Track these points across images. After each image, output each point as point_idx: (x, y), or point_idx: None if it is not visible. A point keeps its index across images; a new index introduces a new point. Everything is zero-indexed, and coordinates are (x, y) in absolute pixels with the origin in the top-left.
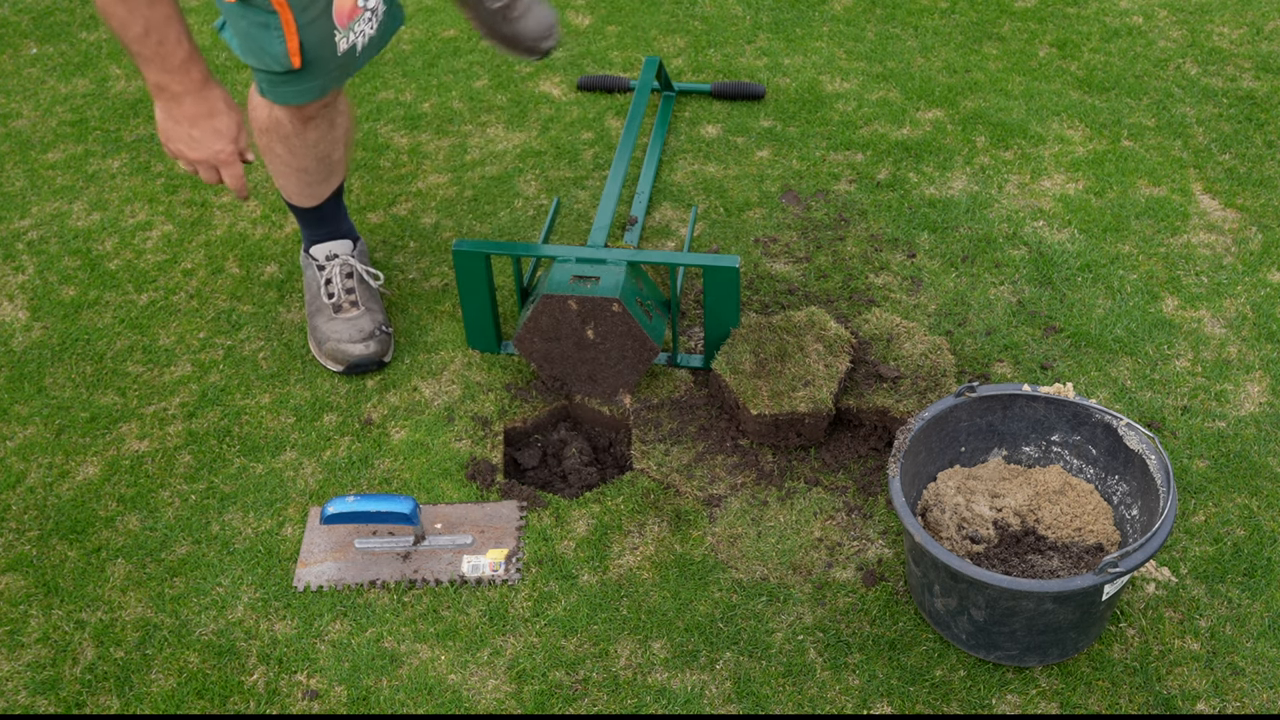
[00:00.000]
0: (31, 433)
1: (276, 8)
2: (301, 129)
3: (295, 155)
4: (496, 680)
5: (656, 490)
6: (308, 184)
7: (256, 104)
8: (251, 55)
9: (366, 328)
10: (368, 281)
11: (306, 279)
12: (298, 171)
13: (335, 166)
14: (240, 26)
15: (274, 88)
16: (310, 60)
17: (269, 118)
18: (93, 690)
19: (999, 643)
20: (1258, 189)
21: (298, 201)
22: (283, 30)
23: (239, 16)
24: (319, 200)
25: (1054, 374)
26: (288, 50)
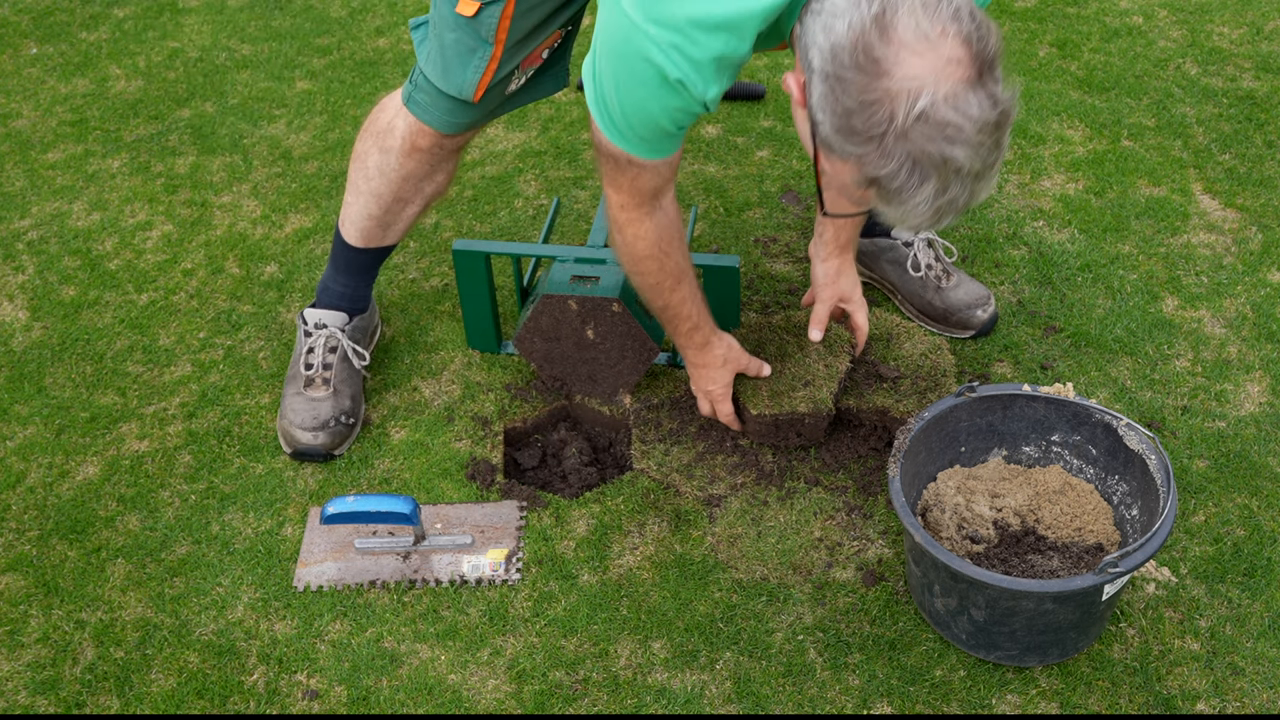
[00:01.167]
0: (31, 433)
1: (494, 44)
2: (406, 154)
3: (381, 175)
4: (496, 680)
5: (656, 490)
6: (369, 215)
7: (386, 105)
8: (436, 68)
9: (324, 415)
10: (350, 360)
11: (296, 340)
12: (370, 195)
13: (399, 220)
14: (446, 39)
15: (428, 103)
16: (486, 97)
17: (387, 124)
18: (93, 690)
19: (999, 643)
20: (1258, 189)
21: (348, 229)
22: (486, 64)
23: (451, 29)
24: (365, 242)
25: (1054, 374)
26: (478, 83)
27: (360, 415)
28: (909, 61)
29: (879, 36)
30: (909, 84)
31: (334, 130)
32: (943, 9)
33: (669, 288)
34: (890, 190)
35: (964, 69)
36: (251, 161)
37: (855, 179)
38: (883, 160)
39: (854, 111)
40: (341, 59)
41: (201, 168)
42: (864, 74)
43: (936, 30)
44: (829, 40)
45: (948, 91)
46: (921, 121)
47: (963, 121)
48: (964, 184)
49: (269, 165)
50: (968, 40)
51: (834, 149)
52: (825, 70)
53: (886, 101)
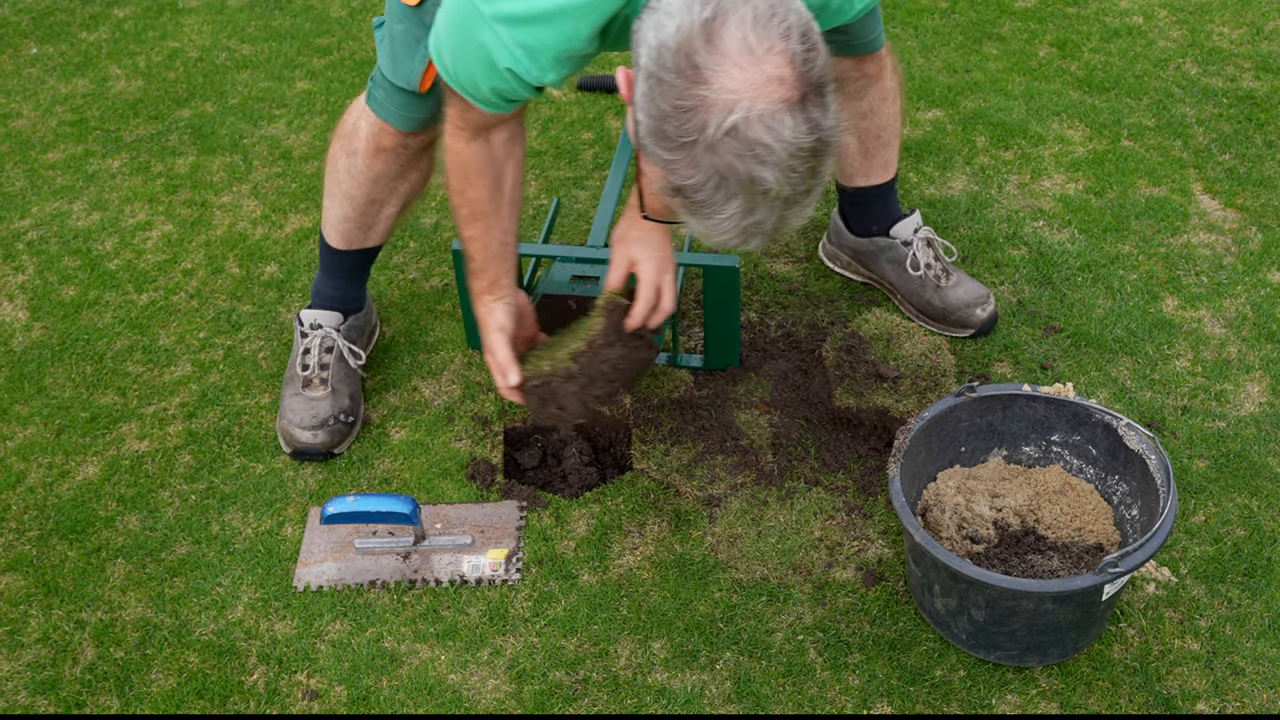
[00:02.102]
0: (31, 433)
1: None
2: (372, 155)
3: (351, 178)
4: (496, 680)
5: (656, 490)
6: (345, 217)
7: (353, 108)
8: (388, 61)
9: (322, 413)
10: (346, 360)
11: (294, 342)
12: (342, 198)
13: (378, 221)
14: (395, 31)
15: (384, 98)
16: (434, 88)
17: (351, 125)
18: (93, 690)
19: (999, 643)
20: (1258, 189)
21: (329, 232)
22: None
23: (399, 20)
24: (348, 244)
25: (1054, 374)
26: (423, 73)
27: (360, 414)
28: (730, 73)
29: (704, 43)
30: (725, 96)
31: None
32: (774, 26)
33: (464, 219)
34: (694, 202)
35: (786, 89)
36: (251, 161)
37: (662, 185)
38: (690, 170)
39: (668, 115)
40: (341, 59)
41: (201, 168)
42: (683, 78)
43: (763, 46)
44: (657, 38)
45: (764, 110)
46: (732, 136)
47: (774, 143)
48: (772, 208)
49: (269, 165)
50: (794, 60)
51: (647, 151)
52: (649, 69)
53: (701, 110)
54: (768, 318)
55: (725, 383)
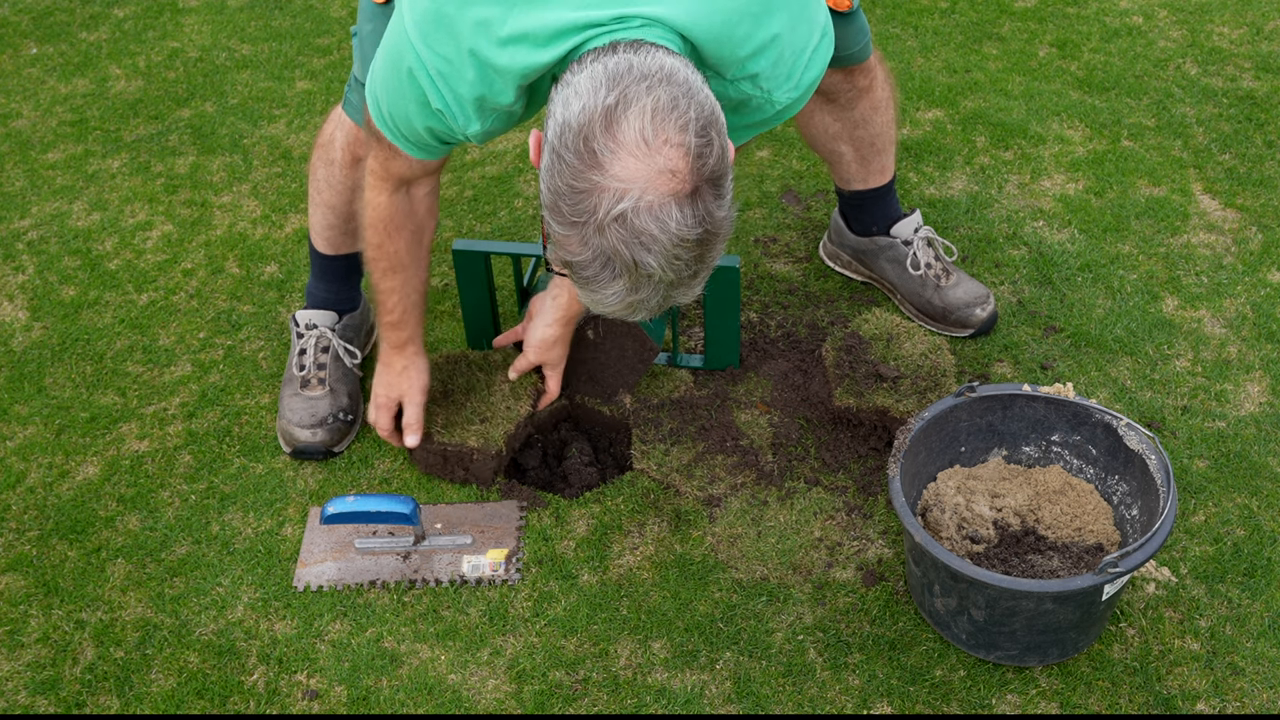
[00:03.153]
0: (31, 433)
1: None
2: (347, 165)
3: (330, 187)
4: (496, 680)
5: (656, 490)
6: (329, 225)
7: (331, 117)
8: (360, 64)
9: (321, 412)
10: (343, 359)
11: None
12: (324, 207)
13: None
14: (364, 30)
15: (359, 102)
16: None
17: (329, 135)
18: (93, 690)
19: (999, 643)
20: (1258, 189)
21: (316, 239)
22: None
23: (369, 19)
24: (335, 250)
25: (1054, 374)
26: None
27: (359, 413)
28: (625, 161)
29: (603, 129)
30: (616, 184)
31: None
32: (673, 119)
33: (382, 270)
34: (582, 277)
35: (677, 182)
36: (251, 161)
37: (554, 255)
38: (579, 248)
39: (563, 193)
40: (341, 59)
41: (201, 168)
42: (580, 160)
43: (659, 139)
44: (563, 116)
45: (652, 201)
46: (619, 223)
47: (659, 233)
48: (655, 289)
49: (269, 165)
50: (688, 154)
51: (545, 220)
52: (553, 144)
53: (594, 194)
54: (768, 318)
55: (725, 383)
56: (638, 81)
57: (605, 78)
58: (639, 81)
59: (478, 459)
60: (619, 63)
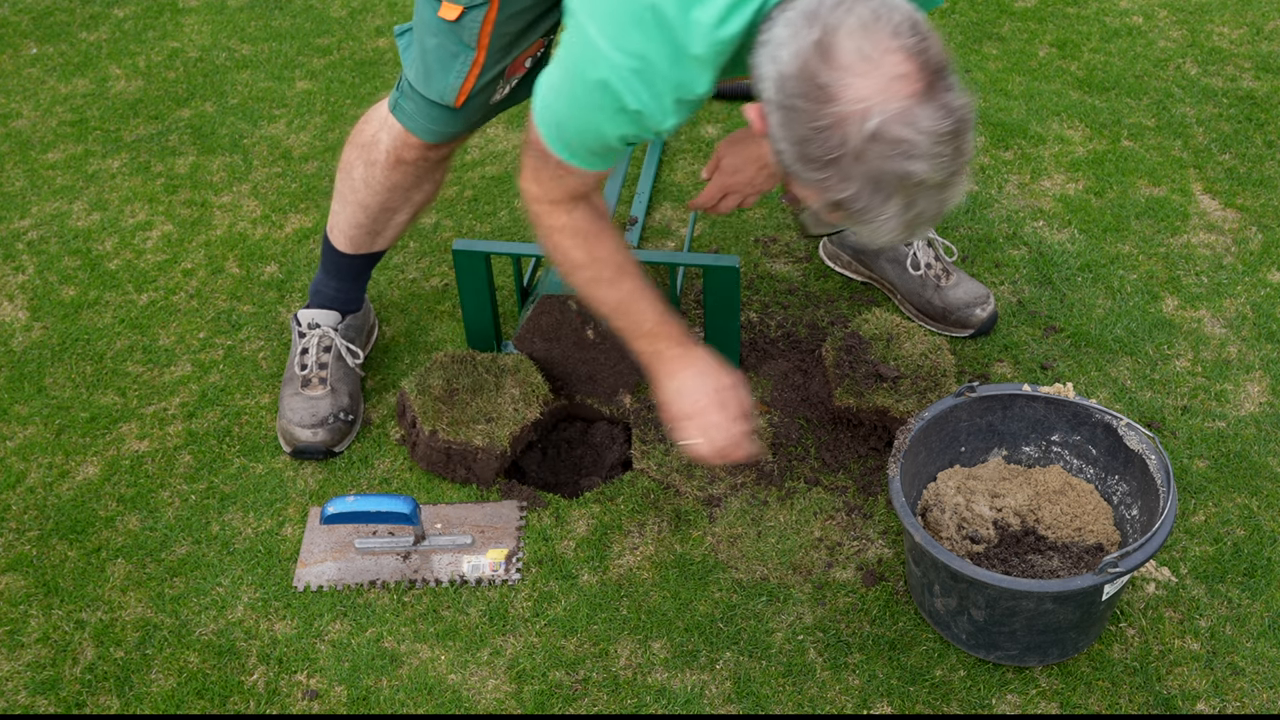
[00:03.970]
0: (31, 433)
1: (476, 49)
2: (391, 166)
3: (367, 187)
4: (496, 680)
5: (656, 490)
6: (357, 224)
7: (371, 117)
8: (419, 74)
9: (322, 412)
10: (345, 359)
11: (291, 342)
12: (355, 205)
13: (388, 228)
14: (428, 44)
15: (413, 110)
16: (468, 104)
17: (372, 137)
18: (93, 690)
19: (999, 643)
20: (1258, 189)
21: (336, 236)
22: (468, 69)
23: (433, 34)
24: (354, 249)
25: (1054, 374)
26: (460, 88)
27: (359, 413)
28: (854, 84)
29: (821, 62)
30: (857, 106)
31: (334, 130)
32: (881, 26)
33: (608, 281)
34: (855, 211)
35: (911, 83)
36: (251, 161)
37: (820, 204)
38: (843, 184)
39: (808, 139)
40: (341, 59)
41: (201, 168)
42: (812, 101)
43: (878, 49)
44: (776, 70)
45: (897, 109)
46: (874, 141)
47: (916, 136)
48: (929, 196)
49: (269, 165)
50: (910, 54)
51: (797, 176)
52: (777, 100)
53: (838, 126)
54: (768, 318)
55: None
56: (832, 9)
57: (801, 20)
58: (833, 9)
59: (481, 458)
60: (805, 3)
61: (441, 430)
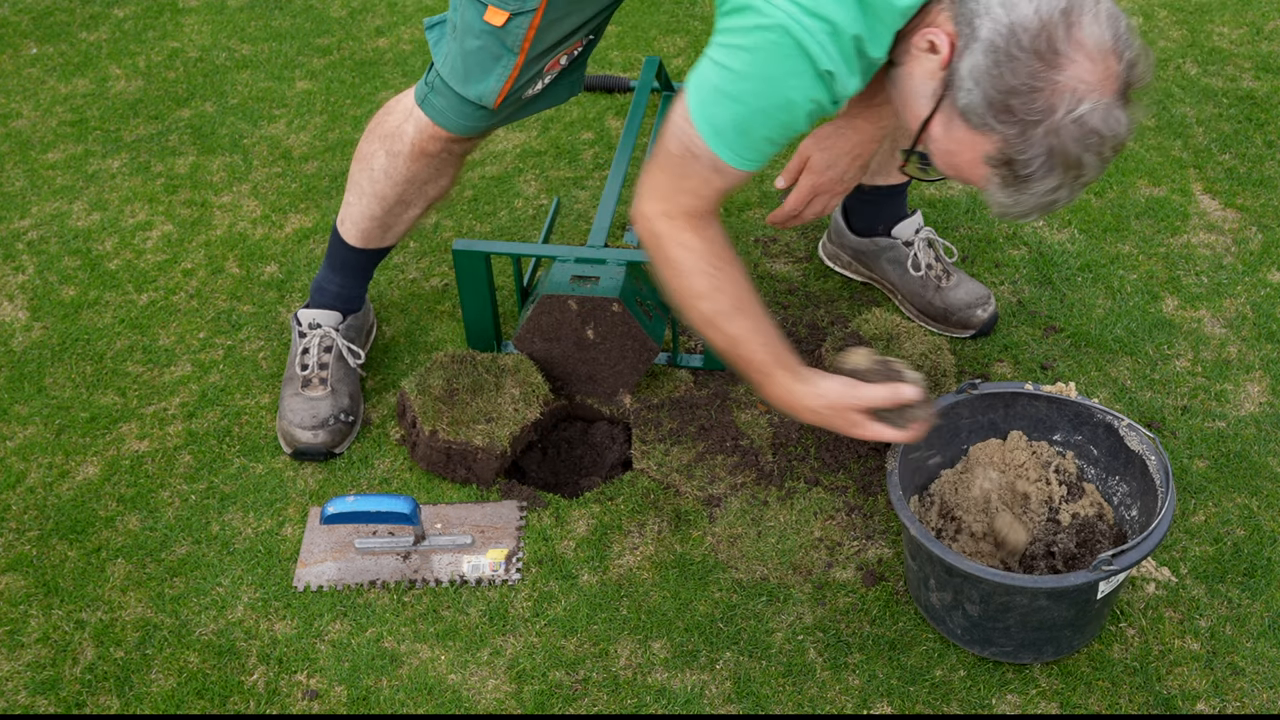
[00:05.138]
0: (31, 433)
1: (518, 53)
2: (412, 158)
3: (388, 177)
4: (496, 680)
5: (656, 490)
6: (370, 215)
7: (394, 108)
8: (457, 73)
9: (323, 413)
10: (345, 359)
11: (291, 342)
12: (373, 196)
13: (399, 223)
14: (469, 46)
15: (445, 106)
16: (504, 104)
17: (396, 128)
18: (93, 690)
19: (993, 638)
20: (1258, 189)
21: (348, 229)
22: (509, 73)
23: (475, 36)
24: (365, 243)
25: (1054, 374)
26: (499, 90)
27: (360, 414)
28: (1083, 64)
29: (1065, 31)
30: (1077, 84)
31: (334, 130)
32: (1120, 26)
33: (728, 314)
34: (1019, 175)
35: (1118, 87)
36: (251, 161)
37: (986, 153)
38: (1024, 144)
39: (1016, 91)
40: (341, 59)
41: (201, 168)
42: (1040, 61)
43: (1109, 44)
44: (1010, 17)
45: (1105, 104)
46: (1077, 123)
47: (1107, 134)
48: (1072, 188)
49: (269, 165)
50: (1129, 63)
51: (972, 120)
52: (995, 44)
53: (1052, 93)
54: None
55: (725, 383)
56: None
57: None
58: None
59: (481, 458)
60: None
61: (441, 430)
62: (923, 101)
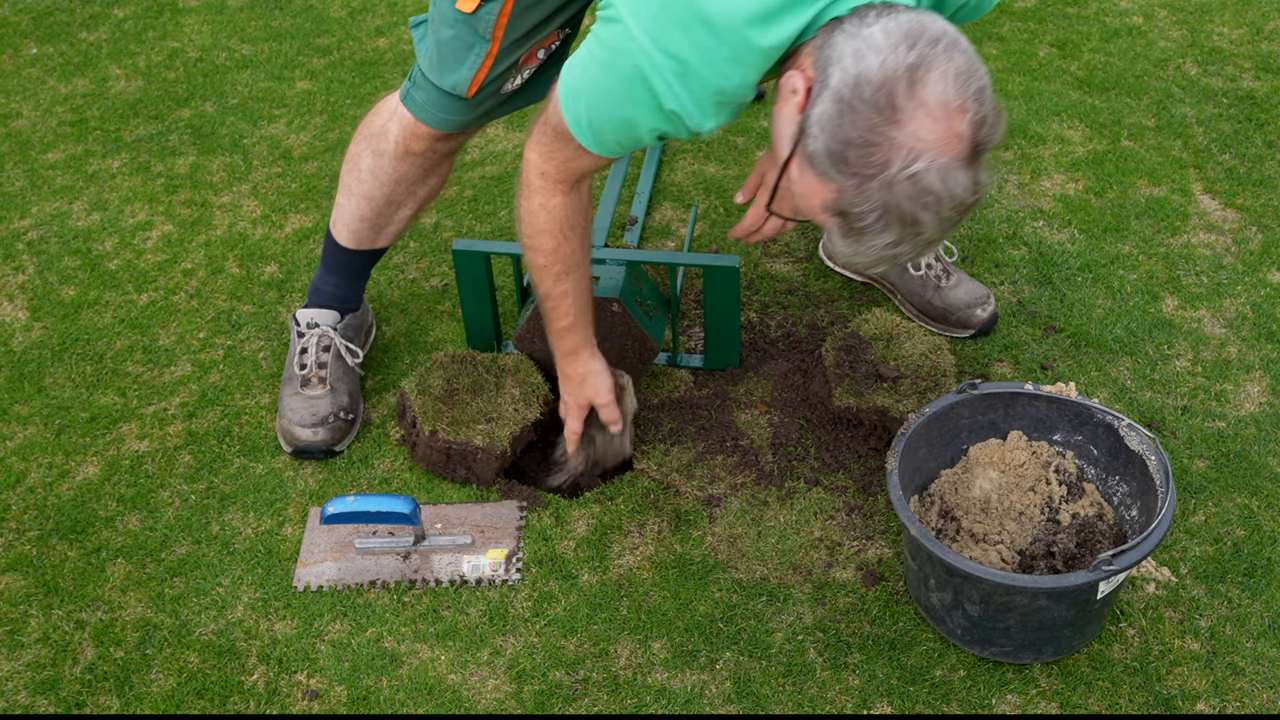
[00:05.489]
0: (31, 433)
1: (490, 39)
2: (399, 157)
3: (374, 177)
4: (496, 680)
5: (656, 490)
6: (361, 216)
7: (381, 109)
8: (433, 63)
9: (322, 411)
10: (344, 358)
11: (290, 342)
12: (361, 197)
13: (391, 223)
14: (444, 35)
15: (425, 100)
16: (480, 94)
17: (381, 127)
18: (93, 690)
19: (993, 639)
20: (1258, 189)
21: (340, 230)
22: (481, 60)
23: (449, 25)
24: (357, 244)
25: (1054, 374)
26: (472, 79)
27: (359, 413)
28: (923, 122)
29: (907, 87)
30: (914, 142)
31: (334, 130)
32: (970, 85)
33: (555, 275)
34: (854, 227)
35: (963, 147)
36: (251, 161)
37: (825, 201)
38: (859, 198)
39: (853, 143)
40: (341, 59)
41: (201, 168)
42: (879, 115)
43: (957, 103)
44: (857, 68)
45: (944, 164)
46: (910, 181)
47: (945, 195)
48: (914, 244)
49: (269, 165)
50: (977, 124)
51: (816, 167)
52: (841, 94)
53: (888, 149)
54: (768, 318)
55: (725, 383)
56: (932, 44)
57: (901, 36)
58: (933, 44)
59: (481, 458)
60: (910, 22)
61: (441, 430)
62: (784, 143)
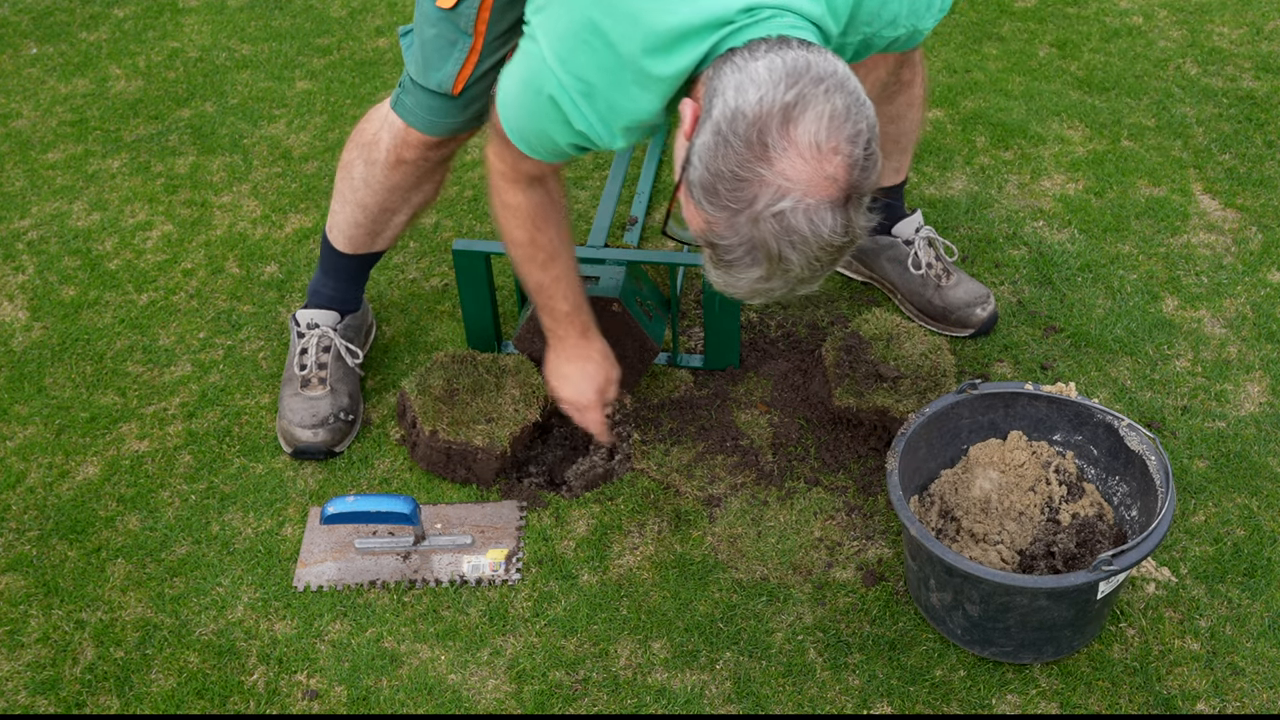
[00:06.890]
0: (31, 433)
1: (473, 35)
2: (391, 166)
3: (367, 186)
4: (496, 680)
5: (656, 490)
6: (355, 223)
7: (372, 116)
8: (418, 65)
9: (322, 412)
10: (344, 359)
11: (290, 342)
12: (354, 204)
13: (387, 229)
14: (427, 35)
15: (413, 104)
16: (466, 92)
17: (373, 136)
18: (93, 690)
19: (993, 639)
20: (1258, 189)
21: (335, 235)
22: (465, 56)
23: (432, 24)
24: (353, 249)
25: (1054, 374)
26: (456, 75)
27: (359, 413)
28: (793, 162)
29: (779, 125)
30: (781, 181)
31: (334, 130)
32: (845, 128)
33: (541, 263)
34: (722, 259)
35: (836, 190)
36: (251, 161)
37: (698, 231)
38: (727, 231)
39: (723, 177)
40: (341, 59)
41: (201, 168)
42: (749, 150)
43: (830, 145)
44: (736, 102)
45: (811, 204)
46: (775, 219)
47: (810, 235)
48: (786, 282)
49: (269, 165)
50: (851, 167)
51: (693, 196)
52: (719, 126)
53: (757, 185)
54: (768, 318)
55: (725, 383)
56: (815, 83)
57: (785, 73)
58: (816, 84)
59: (481, 459)
60: (797, 59)
61: (441, 430)
62: (678, 167)
